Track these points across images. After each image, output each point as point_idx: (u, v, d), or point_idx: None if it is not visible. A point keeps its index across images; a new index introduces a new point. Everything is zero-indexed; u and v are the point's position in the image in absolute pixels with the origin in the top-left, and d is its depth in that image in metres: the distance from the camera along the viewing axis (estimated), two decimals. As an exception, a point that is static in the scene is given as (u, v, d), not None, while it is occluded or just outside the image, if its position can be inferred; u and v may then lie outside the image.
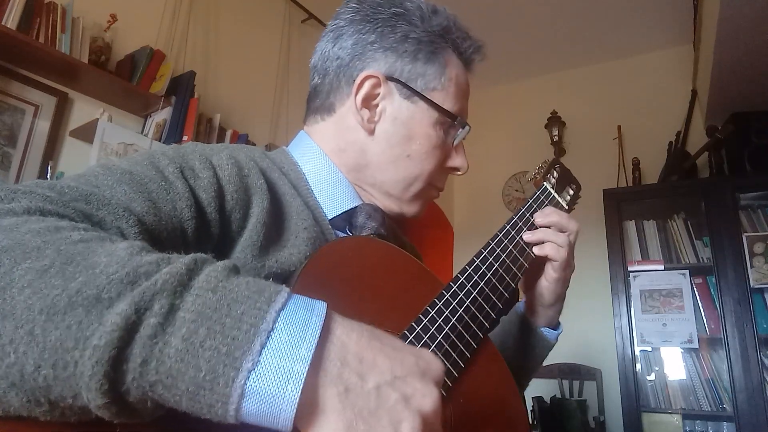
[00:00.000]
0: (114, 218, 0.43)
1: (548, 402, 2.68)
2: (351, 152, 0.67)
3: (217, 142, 2.10)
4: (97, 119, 1.72)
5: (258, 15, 2.58)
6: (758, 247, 2.49)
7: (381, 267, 0.55)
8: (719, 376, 2.50)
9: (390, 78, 0.65)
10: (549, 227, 0.72)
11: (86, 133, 1.73)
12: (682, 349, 2.61)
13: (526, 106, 3.73)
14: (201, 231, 0.51)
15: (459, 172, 0.72)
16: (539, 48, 3.45)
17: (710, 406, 2.49)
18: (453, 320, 0.55)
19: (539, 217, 0.73)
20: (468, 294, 0.59)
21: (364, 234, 0.64)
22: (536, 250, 0.71)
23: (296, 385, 0.31)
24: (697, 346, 2.55)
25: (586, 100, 3.52)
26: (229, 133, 2.19)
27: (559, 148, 3.45)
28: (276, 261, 0.55)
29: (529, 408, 2.57)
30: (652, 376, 2.65)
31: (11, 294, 0.31)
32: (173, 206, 0.49)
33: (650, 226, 2.85)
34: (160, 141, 1.87)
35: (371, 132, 0.66)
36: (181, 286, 0.32)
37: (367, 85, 0.65)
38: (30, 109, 1.66)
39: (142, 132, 1.93)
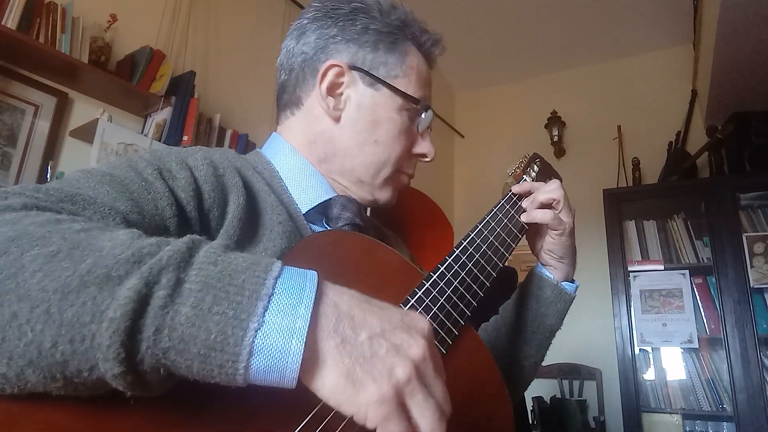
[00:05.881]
0: (100, 217, 0.45)
1: (548, 402, 2.68)
2: (320, 143, 0.69)
3: (217, 142, 2.10)
4: (97, 119, 1.72)
5: (258, 15, 2.58)
6: (758, 247, 2.49)
7: (361, 259, 0.56)
8: (719, 376, 2.50)
9: (353, 67, 0.68)
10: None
11: (86, 133, 1.72)
12: (682, 349, 2.61)
13: (526, 106, 3.73)
14: (183, 229, 0.53)
15: (426, 159, 0.74)
16: (539, 48, 3.45)
17: (710, 406, 2.49)
18: (442, 300, 0.56)
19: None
20: (456, 275, 0.61)
21: (339, 225, 0.66)
22: (525, 218, 0.77)
23: (300, 339, 0.34)
24: (697, 346, 2.55)
25: (586, 100, 3.52)
26: (229, 133, 2.18)
27: (559, 148, 3.45)
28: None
29: (529, 408, 2.57)
30: (652, 376, 2.65)
31: (24, 278, 0.33)
32: (155, 205, 0.51)
33: (650, 226, 2.85)
34: (160, 141, 1.87)
35: (337, 119, 0.68)
36: (183, 262, 0.35)
37: (331, 74, 0.67)
38: (30, 109, 1.66)
39: (142, 132, 1.92)
